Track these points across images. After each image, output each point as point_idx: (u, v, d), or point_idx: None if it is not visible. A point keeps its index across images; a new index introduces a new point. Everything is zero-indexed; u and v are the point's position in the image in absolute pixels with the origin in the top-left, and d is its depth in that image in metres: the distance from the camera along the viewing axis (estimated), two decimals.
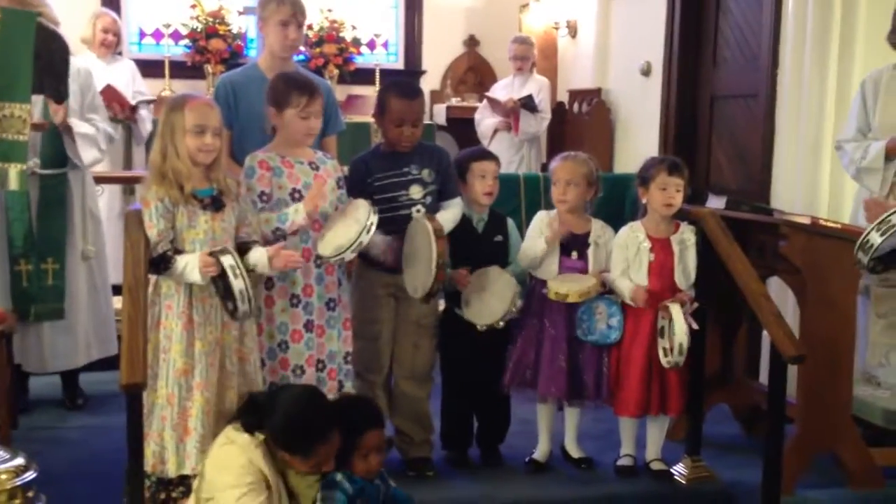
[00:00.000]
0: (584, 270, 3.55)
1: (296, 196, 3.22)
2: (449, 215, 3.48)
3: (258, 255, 3.02)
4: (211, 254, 2.92)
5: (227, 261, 2.89)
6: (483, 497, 3.42)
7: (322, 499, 2.85)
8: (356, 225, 3.10)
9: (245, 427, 2.78)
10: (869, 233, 3.03)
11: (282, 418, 2.76)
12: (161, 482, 3.02)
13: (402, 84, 3.69)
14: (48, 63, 3.78)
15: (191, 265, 2.92)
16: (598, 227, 3.62)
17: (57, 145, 4.02)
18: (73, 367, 4.23)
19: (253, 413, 2.80)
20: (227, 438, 2.79)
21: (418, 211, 3.42)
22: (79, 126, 4.04)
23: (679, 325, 3.32)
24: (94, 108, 4.20)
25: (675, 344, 3.32)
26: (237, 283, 2.87)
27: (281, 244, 3.06)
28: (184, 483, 2.96)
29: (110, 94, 5.46)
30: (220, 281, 2.94)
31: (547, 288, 3.45)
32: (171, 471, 2.99)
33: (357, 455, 2.88)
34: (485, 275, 3.49)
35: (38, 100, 3.74)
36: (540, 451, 3.67)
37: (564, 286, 3.43)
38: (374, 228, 3.09)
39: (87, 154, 4.07)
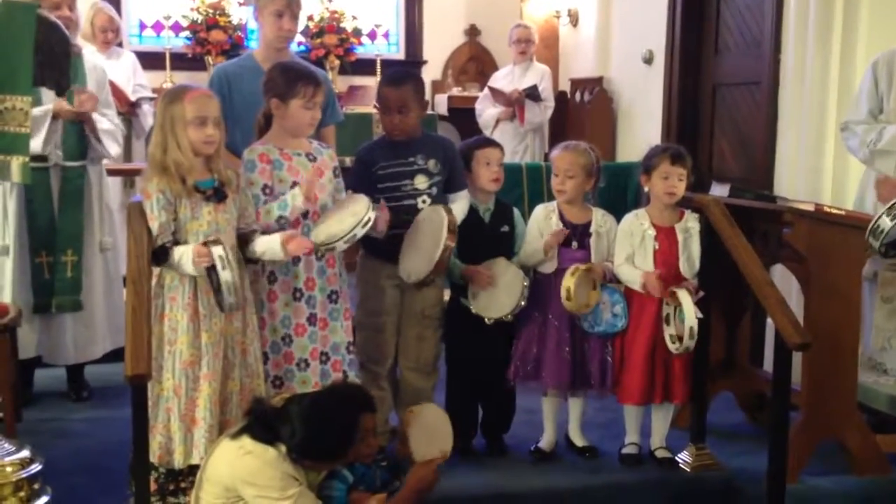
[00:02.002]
0: (586, 260, 3.54)
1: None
2: (459, 206, 3.48)
3: (267, 242, 3.02)
4: (205, 244, 2.91)
5: (217, 251, 2.87)
6: (488, 487, 3.43)
7: (323, 488, 2.86)
8: (353, 217, 3.09)
9: (258, 440, 2.73)
10: (880, 217, 3.03)
11: (304, 436, 2.72)
12: (170, 473, 3.02)
13: (392, 72, 3.69)
14: (49, 55, 3.78)
15: (185, 256, 2.92)
16: (598, 217, 3.61)
17: (78, 137, 4.09)
18: (92, 358, 4.28)
19: (264, 428, 2.75)
20: (244, 449, 2.72)
21: (424, 202, 3.41)
22: (101, 122, 4.14)
23: (688, 309, 3.30)
24: (107, 104, 4.30)
25: (686, 328, 3.31)
26: (224, 275, 2.86)
27: (294, 231, 3.05)
28: (193, 473, 2.95)
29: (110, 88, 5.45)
30: (213, 273, 2.93)
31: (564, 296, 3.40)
32: (179, 461, 2.99)
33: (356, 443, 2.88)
34: (493, 266, 3.49)
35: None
36: (545, 441, 3.68)
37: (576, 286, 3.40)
38: (370, 224, 3.08)
39: (112, 149, 4.20)
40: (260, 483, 2.67)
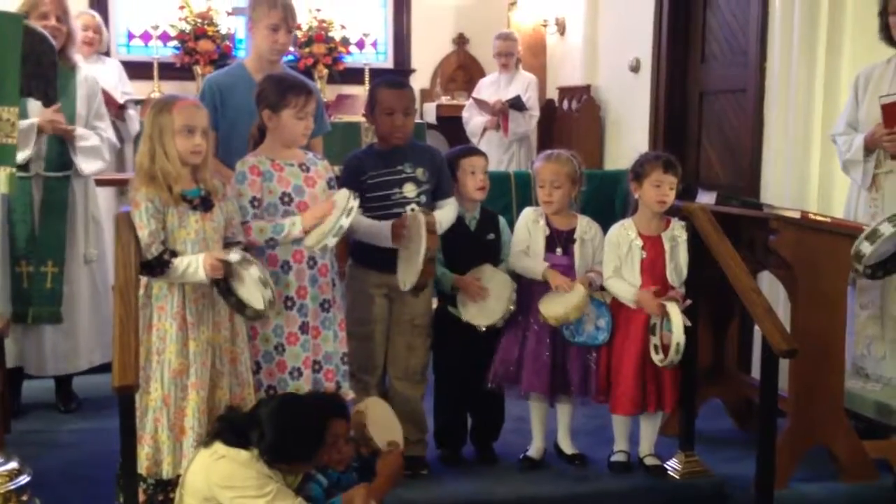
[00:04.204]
0: (570, 266, 3.55)
1: (286, 199, 3.21)
2: (446, 213, 3.49)
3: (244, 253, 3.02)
4: (221, 260, 2.93)
5: (234, 256, 2.91)
6: (477, 494, 3.43)
7: (300, 490, 2.86)
8: (336, 210, 3.11)
9: (230, 445, 2.75)
10: (860, 243, 3.09)
11: (273, 437, 2.73)
12: (159, 484, 3.01)
13: (389, 77, 3.71)
14: (36, 66, 3.77)
15: (194, 266, 2.92)
16: (583, 224, 3.62)
17: (61, 149, 4.07)
18: (74, 370, 4.25)
19: (235, 432, 2.77)
20: (217, 454, 2.74)
21: (412, 209, 3.41)
22: (82, 139, 4.10)
23: (677, 324, 3.31)
24: (99, 115, 4.27)
25: (673, 343, 3.31)
26: (253, 271, 2.88)
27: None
28: None
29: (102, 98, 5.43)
30: (222, 283, 2.94)
31: (544, 316, 3.42)
32: (168, 472, 2.99)
33: (325, 449, 2.88)
34: (480, 274, 3.50)
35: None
36: (534, 448, 3.68)
37: (560, 308, 3.40)
38: (353, 212, 3.10)
39: (88, 165, 4.13)
40: (236, 485, 2.69)
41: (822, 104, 4.53)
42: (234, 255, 2.91)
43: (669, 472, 3.59)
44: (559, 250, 3.57)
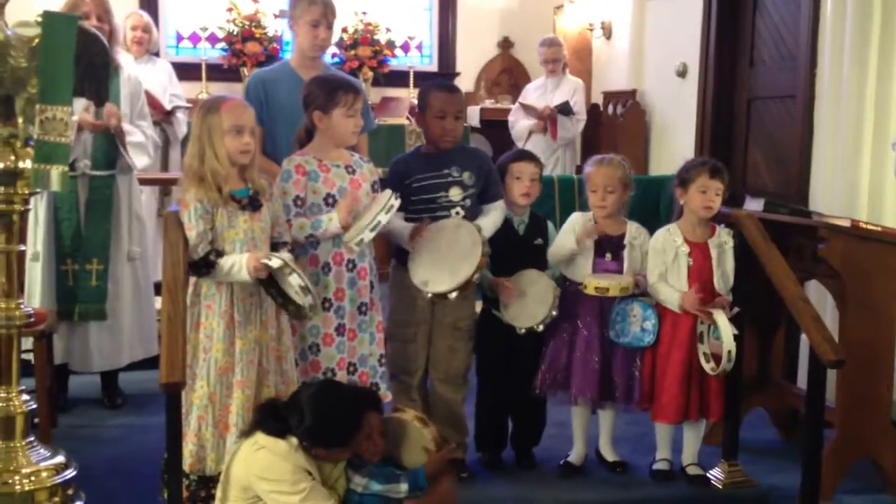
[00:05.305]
0: (619, 272, 3.54)
1: (329, 201, 3.23)
2: (492, 218, 3.48)
3: (286, 258, 3.04)
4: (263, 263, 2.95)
5: (275, 263, 2.89)
6: (517, 499, 3.42)
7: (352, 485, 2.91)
8: (376, 206, 3.12)
9: (270, 434, 2.79)
10: None
11: (313, 419, 2.77)
12: (201, 480, 3.04)
13: (440, 80, 3.71)
14: (88, 66, 3.83)
15: (238, 265, 2.95)
16: (633, 229, 3.60)
17: (107, 148, 4.14)
18: (117, 366, 4.31)
19: (275, 419, 2.82)
20: (258, 445, 2.78)
21: (458, 213, 3.41)
22: (131, 135, 4.18)
23: (726, 332, 3.27)
24: (142, 115, 4.35)
25: (724, 352, 3.27)
26: (294, 279, 2.88)
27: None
28: None
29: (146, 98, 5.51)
30: (267, 279, 2.96)
31: (585, 285, 3.43)
32: (211, 468, 3.02)
33: (360, 437, 2.90)
34: (524, 277, 3.49)
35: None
36: (575, 454, 3.66)
37: (605, 280, 3.43)
38: (393, 210, 3.11)
39: (139, 160, 4.23)
40: (272, 477, 2.73)
41: (874, 111, 4.44)
42: (276, 262, 2.92)
43: (712, 482, 3.55)
44: (609, 255, 3.55)
